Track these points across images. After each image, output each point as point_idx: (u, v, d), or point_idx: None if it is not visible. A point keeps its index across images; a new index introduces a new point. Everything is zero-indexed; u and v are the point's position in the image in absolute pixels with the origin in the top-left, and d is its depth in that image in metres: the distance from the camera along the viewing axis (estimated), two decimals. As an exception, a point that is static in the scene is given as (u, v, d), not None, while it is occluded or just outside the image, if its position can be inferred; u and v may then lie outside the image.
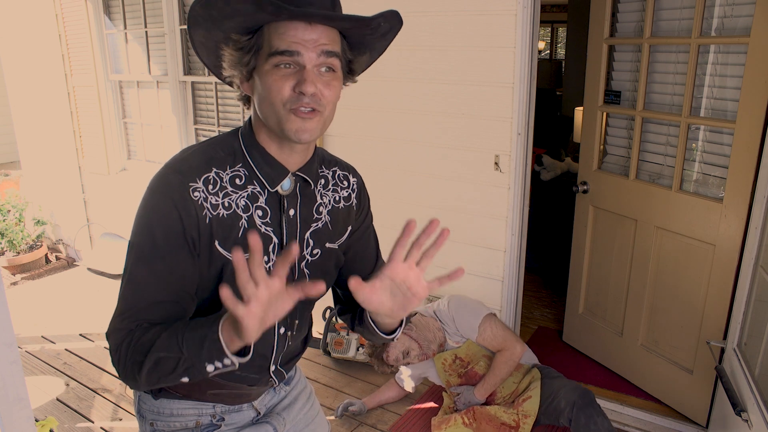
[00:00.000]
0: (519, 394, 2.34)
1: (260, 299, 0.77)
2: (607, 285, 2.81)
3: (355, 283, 0.87)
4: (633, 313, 2.66)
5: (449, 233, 0.89)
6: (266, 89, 0.95)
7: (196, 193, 0.96)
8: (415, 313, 2.43)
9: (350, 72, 1.03)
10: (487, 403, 2.40)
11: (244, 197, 1.01)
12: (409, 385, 2.64)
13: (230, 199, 1.00)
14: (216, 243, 0.99)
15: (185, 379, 0.92)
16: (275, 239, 1.05)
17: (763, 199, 1.96)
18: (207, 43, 1.00)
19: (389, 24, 1.00)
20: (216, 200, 0.98)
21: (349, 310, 1.26)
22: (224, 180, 1.00)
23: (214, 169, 1.00)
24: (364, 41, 1.02)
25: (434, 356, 2.41)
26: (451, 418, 2.34)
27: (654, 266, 2.54)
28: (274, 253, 1.06)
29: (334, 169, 1.19)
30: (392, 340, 1.13)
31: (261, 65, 0.96)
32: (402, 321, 1.10)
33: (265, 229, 1.04)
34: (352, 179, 1.21)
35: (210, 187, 0.98)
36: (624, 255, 2.68)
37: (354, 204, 1.20)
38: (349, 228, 1.19)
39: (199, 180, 0.98)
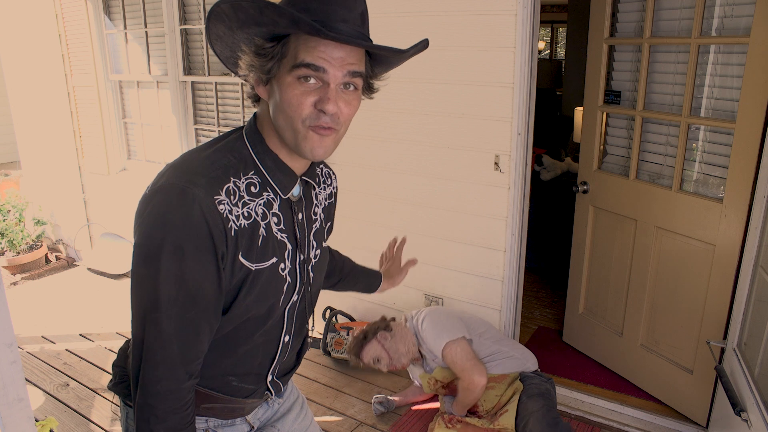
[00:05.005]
0: (501, 406, 2.34)
1: None
2: (607, 285, 2.81)
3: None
4: (633, 313, 2.66)
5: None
6: (286, 102, 0.92)
7: (221, 206, 0.91)
8: (393, 318, 2.54)
9: (369, 88, 1.01)
10: (471, 413, 2.42)
11: (260, 205, 0.99)
12: (416, 381, 2.70)
13: (249, 208, 0.97)
14: (240, 255, 0.96)
15: None
16: (290, 245, 1.05)
17: (763, 199, 1.96)
18: (225, 39, 0.97)
19: (417, 49, 0.99)
20: (238, 211, 0.94)
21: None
22: (241, 189, 0.96)
23: (232, 179, 0.95)
24: (389, 61, 1.00)
25: (405, 368, 2.50)
26: (435, 421, 2.38)
27: (654, 266, 2.53)
28: (289, 259, 1.05)
29: (321, 166, 1.20)
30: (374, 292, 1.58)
31: (282, 75, 0.92)
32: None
33: (281, 236, 1.03)
34: (333, 176, 1.24)
35: (232, 197, 0.94)
36: (624, 255, 2.68)
37: (333, 202, 1.23)
38: (329, 224, 1.23)
39: (222, 192, 0.93)
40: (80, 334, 3.42)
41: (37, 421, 2.38)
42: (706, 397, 2.38)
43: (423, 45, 0.98)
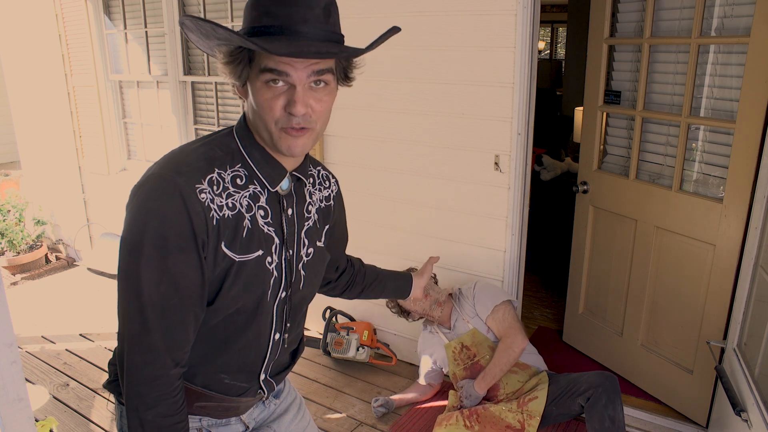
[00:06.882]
0: (524, 393, 2.33)
1: None
2: (607, 285, 2.81)
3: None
4: (633, 313, 2.66)
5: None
6: (258, 106, 0.95)
7: (203, 195, 0.94)
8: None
9: (346, 78, 1.02)
10: (489, 399, 2.40)
11: (246, 197, 1.01)
12: (421, 379, 2.71)
13: (233, 199, 0.99)
14: (222, 244, 0.97)
15: None
16: (277, 239, 1.06)
17: (763, 199, 1.96)
18: (201, 44, 1.01)
19: (384, 38, 1.00)
20: (221, 201, 0.97)
21: (339, 285, 1.43)
22: (226, 180, 0.98)
23: (216, 170, 0.98)
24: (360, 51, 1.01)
25: (422, 311, 2.53)
26: (453, 416, 2.33)
27: (654, 266, 2.53)
28: (276, 254, 1.06)
29: (318, 168, 1.22)
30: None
31: (253, 79, 0.95)
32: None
33: (268, 229, 1.04)
34: (332, 179, 1.25)
35: (214, 187, 0.96)
36: (624, 255, 2.68)
37: (332, 205, 1.23)
38: (327, 227, 1.22)
39: (204, 181, 0.95)
40: (80, 334, 3.42)
41: (37, 421, 2.38)
42: (706, 397, 2.38)
43: (387, 33, 1.00)
